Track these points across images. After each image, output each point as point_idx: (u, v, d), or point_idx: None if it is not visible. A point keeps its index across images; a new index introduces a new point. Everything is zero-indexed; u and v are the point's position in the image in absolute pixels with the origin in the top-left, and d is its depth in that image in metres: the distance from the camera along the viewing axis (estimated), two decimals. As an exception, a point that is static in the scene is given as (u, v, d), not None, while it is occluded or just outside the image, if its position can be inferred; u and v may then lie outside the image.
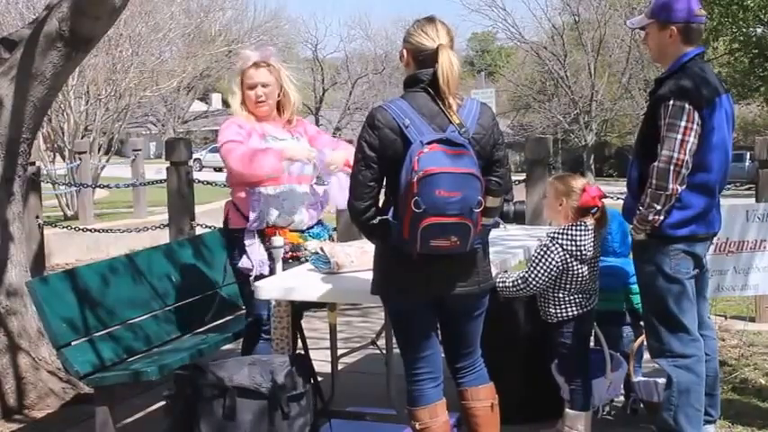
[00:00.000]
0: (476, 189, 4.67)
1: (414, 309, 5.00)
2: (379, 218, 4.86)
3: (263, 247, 6.39)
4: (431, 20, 4.97)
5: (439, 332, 5.17)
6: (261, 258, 6.35)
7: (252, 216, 6.38)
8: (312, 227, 6.64)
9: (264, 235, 6.39)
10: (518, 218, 5.16)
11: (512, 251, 6.53)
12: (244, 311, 7.30)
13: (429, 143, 4.64)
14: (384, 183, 4.90)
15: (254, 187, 6.37)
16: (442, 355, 5.22)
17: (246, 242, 6.38)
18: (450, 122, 4.78)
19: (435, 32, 4.89)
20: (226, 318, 7.41)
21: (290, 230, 6.49)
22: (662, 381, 6.40)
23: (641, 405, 6.62)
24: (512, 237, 6.93)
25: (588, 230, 5.98)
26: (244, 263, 6.38)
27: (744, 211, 7.90)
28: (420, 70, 4.91)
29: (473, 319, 5.14)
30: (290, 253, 6.37)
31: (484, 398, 5.20)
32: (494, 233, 5.26)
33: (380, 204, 4.93)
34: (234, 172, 6.36)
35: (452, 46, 4.92)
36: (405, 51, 5.00)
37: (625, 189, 5.95)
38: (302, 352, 5.89)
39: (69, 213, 22.39)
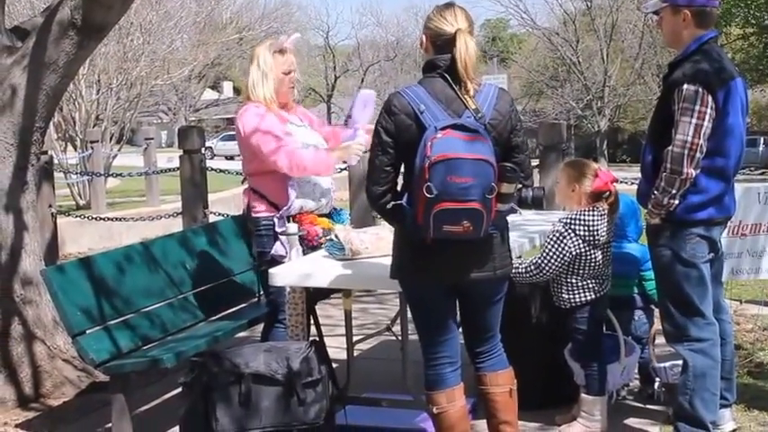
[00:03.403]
0: (488, 175, 4.67)
1: (431, 293, 5.01)
2: (393, 203, 4.87)
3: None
4: (450, 5, 4.99)
5: (458, 317, 5.17)
6: (298, 246, 6.33)
7: (289, 202, 6.37)
8: (331, 212, 6.64)
9: (296, 221, 6.39)
10: (537, 203, 5.13)
11: (527, 236, 6.53)
12: (258, 299, 7.31)
13: (443, 129, 4.66)
14: (402, 168, 4.92)
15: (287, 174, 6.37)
16: (461, 339, 5.22)
17: (279, 229, 6.36)
18: (467, 108, 4.79)
19: (454, 17, 4.90)
20: (241, 305, 7.41)
21: (318, 216, 6.50)
22: (669, 364, 6.42)
23: (664, 390, 6.60)
24: (527, 222, 6.92)
25: (602, 215, 5.98)
26: (278, 249, 6.35)
27: (757, 194, 7.89)
28: (438, 55, 4.92)
29: (492, 305, 5.14)
30: (323, 238, 6.36)
31: (503, 383, 5.19)
32: (509, 219, 5.26)
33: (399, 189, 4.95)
34: (294, 171, 6.35)
35: (471, 31, 4.93)
36: (424, 37, 5.02)
37: (638, 174, 5.94)
38: (317, 338, 5.88)
39: (81, 202, 22.43)
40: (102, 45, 18.93)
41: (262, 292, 6.87)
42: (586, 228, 5.93)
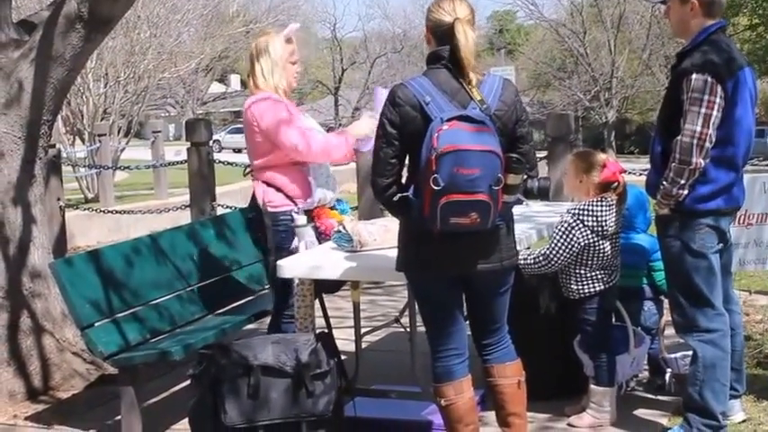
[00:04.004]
0: (495, 166, 4.66)
1: (437, 286, 5.01)
2: (399, 195, 4.86)
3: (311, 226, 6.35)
4: None
5: (465, 309, 5.16)
6: (311, 239, 6.30)
7: (313, 194, 6.34)
8: (335, 204, 6.61)
9: (313, 215, 6.36)
10: (542, 194, 5.13)
11: (535, 228, 6.52)
12: (265, 291, 7.29)
13: (449, 120, 4.64)
14: (407, 160, 4.90)
15: (306, 166, 6.34)
16: (468, 332, 5.21)
17: (298, 223, 6.30)
18: (472, 99, 4.77)
19: (452, 7, 4.88)
20: (249, 297, 7.40)
21: (328, 209, 6.47)
22: (681, 354, 6.41)
23: (674, 380, 6.58)
24: (535, 213, 6.92)
25: (610, 206, 5.97)
26: (296, 244, 6.29)
27: (762, 184, 7.86)
28: (440, 47, 4.90)
29: (498, 296, 5.13)
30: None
31: (511, 375, 5.19)
32: (517, 210, 5.25)
33: (403, 181, 4.93)
34: (313, 157, 6.32)
35: (471, 20, 4.91)
36: (425, 29, 5.02)
37: (646, 166, 5.92)
38: (325, 330, 5.88)
39: (90, 196, 22.47)
40: (109, 39, 18.95)
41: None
42: (595, 218, 5.92)
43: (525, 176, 4.98)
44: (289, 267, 5.83)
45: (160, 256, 6.96)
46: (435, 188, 4.57)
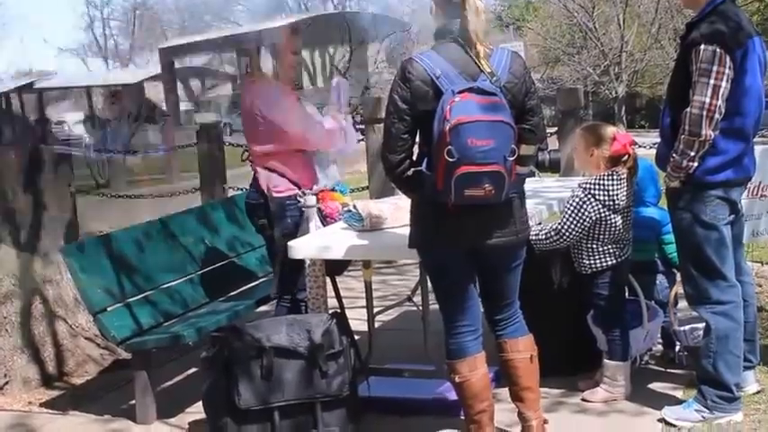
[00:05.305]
0: (508, 137, 4.65)
1: (451, 261, 4.99)
2: (413, 169, 4.84)
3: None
4: None
5: (477, 284, 5.15)
6: (317, 222, 6.27)
7: (319, 179, 6.33)
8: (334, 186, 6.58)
9: (319, 198, 6.34)
10: (553, 166, 5.14)
11: (545, 203, 6.49)
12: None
13: (460, 92, 4.63)
14: (417, 135, 4.88)
15: (311, 151, 6.33)
16: (481, 308, 5.20)
17: (307, 203, 6.27)
18: (482, 71, 4.76)
19: None
20: (261, 279, 7.40)
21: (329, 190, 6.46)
22: (689, 327, 6.39)
23: (686, 353, 6.57)
24: (546, 188, 6.89)
25: (621, 180, 5.94)
26: (309, 229, 6.26)
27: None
28: (448, 20, 4.88)
29: (511, 270, 5.12)
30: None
31: (523, 349, 5.19)
32: (529, 184, 5.22)
33: (414, 157, 4.91)
34: (325, 147, 6.33)
35: None
36: (432, 3, 4.98)
37: (656, 139, 5.89)
38: (338, 311, 5.87)
39: (101, 181, 22.48)
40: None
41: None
42: (606, 192, 5.89)
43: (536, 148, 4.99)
44: (300, 248, 5.81)
45: (171, 240, 6.97)
46: (449, 160, 4.55)
